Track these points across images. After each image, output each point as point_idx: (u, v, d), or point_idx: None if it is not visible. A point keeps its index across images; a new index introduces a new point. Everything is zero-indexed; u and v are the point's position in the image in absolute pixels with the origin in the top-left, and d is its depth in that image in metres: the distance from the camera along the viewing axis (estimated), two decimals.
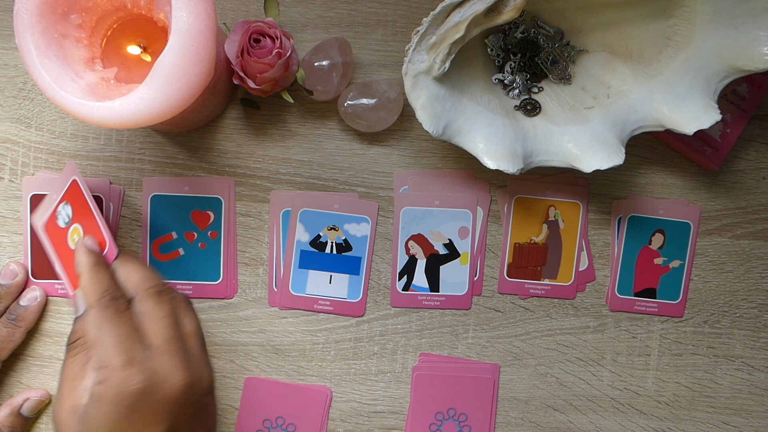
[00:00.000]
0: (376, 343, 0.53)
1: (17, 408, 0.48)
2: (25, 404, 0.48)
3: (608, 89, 0.49)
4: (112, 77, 0.44)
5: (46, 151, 0.51)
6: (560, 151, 0.48)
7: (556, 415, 0.53)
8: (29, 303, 0.50)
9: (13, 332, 0.49)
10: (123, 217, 0.52)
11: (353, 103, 0.49)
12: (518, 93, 0.51)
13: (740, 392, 0.54)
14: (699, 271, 0.54)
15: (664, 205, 0.53)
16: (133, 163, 0.52)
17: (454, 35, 0.43)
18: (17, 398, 0.49)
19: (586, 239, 0.53)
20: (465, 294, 0.53)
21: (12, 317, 0.49)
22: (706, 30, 0.45)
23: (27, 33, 0.39)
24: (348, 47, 0.50)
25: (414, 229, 0.52)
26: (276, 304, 0.52)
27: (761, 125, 0.54)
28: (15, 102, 0.51)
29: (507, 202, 0.53)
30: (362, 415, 0.52)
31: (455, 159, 0.53)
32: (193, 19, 0.38)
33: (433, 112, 0.45)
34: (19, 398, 0.49)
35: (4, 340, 0.49)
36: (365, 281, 0.52)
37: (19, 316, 0.49)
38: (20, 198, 0.51)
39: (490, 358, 0.53)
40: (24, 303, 0.49)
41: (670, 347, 0.54)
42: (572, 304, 0.53)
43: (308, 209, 0.52)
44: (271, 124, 0.52)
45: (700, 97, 0.46)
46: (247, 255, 0.52)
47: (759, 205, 0.54)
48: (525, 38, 0.51)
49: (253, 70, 0.45)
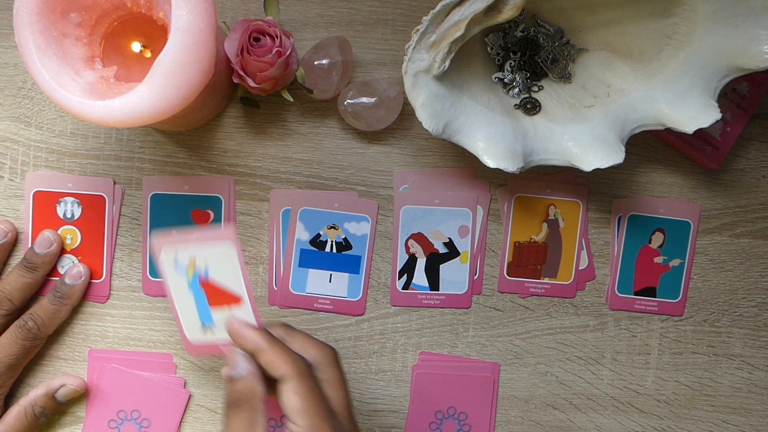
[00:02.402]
0: (376, 341, 0.53)
1: (53, 391, 0.49)
2: (61, 389, 0.49)
3: (608, 88, 0.49)
4: (111, 76, 0.44)
5: (46, 149, 0.51)
6: (560, 149, 0.48)
7: (555, 413, 0.53)
8: (74, 281, 0.50)
9: (60, 309, 0.49)
10: (123, 216, 0.52)
11: (353, 101, 0.49)
12: (518, 92, 0.51)
13: (740, 391, 0.54)
14: (699, 269, 0.54)
15: (664, 204, 0.53)
16: (133, 161, 0.52)
17: (454, 34, 0.43)
18: (55, 381, 0.49)
19: (586, 238, 0.53)
20: (465, 293, 0.53)
21: (58, 295, 0.49)
22: (706, 29, 0.45)
23: (26, 31, 0.39)
24: (348, 46, 0.50)
25: (414, 227, 0.52)
26: (276, 303, 0.52)
27: (761, 124, 0.54)
28: (15, 101, 0.51)
29: (507, 200, 0.53)
30: (362, 414, 0.53)
31: (455, 158, 0.53)
32: (192, 18, 0.38)
33: (433, 111, 0.45)
34: (56, 382, 0.49)
35: (51, 316, 0.49)
36: (365, 280, 0.52)
37: (65, 293, 0.50)
38: (20, 197, 0.51)
39: (490, 357, 0.53)
40: (69, 281, 0.50)
41: (669, 346, 0.54)
42: (572, 302, 0.53)
43: (308, 208, 0.52)
44: (270, 123, 0.52)
45: (700, 95, 0.46)
46: (246, 254, 0.52)
47: (759, 204, 0.54)
48: (525, 37, 0.51)
49: (253, 68, 0.45)
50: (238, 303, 0.41)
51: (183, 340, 0.44)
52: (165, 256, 0.41)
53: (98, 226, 0.51)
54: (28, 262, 0.49)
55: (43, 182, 0.51)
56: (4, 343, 0.48)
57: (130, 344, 0.52)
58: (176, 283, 0.42)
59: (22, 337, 0.48)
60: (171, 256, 0.41)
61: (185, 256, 0.41)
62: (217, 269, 0.41)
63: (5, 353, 0.48)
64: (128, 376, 0.51)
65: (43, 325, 0.49)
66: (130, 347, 0.52)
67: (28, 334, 0.48)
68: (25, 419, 0.48)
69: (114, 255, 0.51)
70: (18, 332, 0.48)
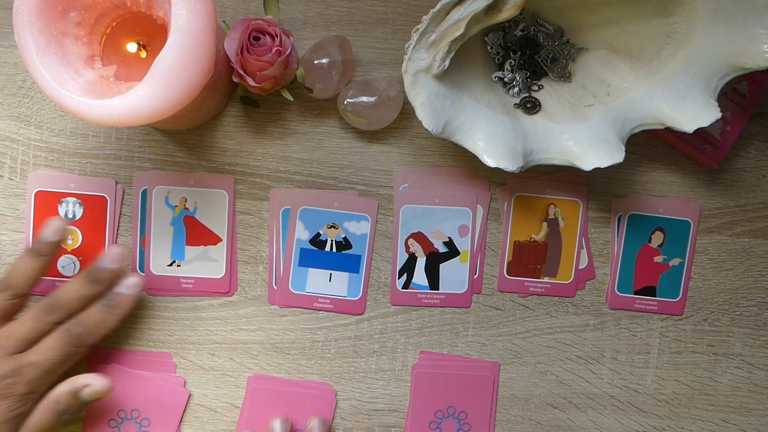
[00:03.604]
0: (376, 341, 0.53)
1: (77, 389, 0.46)
2: (86, 390, 0.46)
3: (608, 87, 0.49)
4: (111, 75, 0.44)
5: (46, 149, 0.51)
6: (560, 149, 0.48)
7: (555, 413, 0.53)
8: (128, 291, 0.48)
9: (107, 318, 0.47)
10: (123, 215, 0.52)
11: (353, 101, 0.49)
12: (518, 91, 0.51)
13: (740, 390, 0.54)
14: (699, 269, 0.54)
15: (664, 203, 0.53)
16: (132, 161, 0.52)
17: (454, 33, 0.43)
18: (81, 379, 0.47)
19: (586, 237, 0.53)
20: (465, 292, 0.53)
21: (109, 304, 0.47)
22: (706, 28, 0.45)
23: (26, 31, 0.39)
24: (348, 45, 0.50)
25: (414, 227, 0.52)
26: (276, 302, 0.52)
27: (761, 123, 0.54)
28: (14, 100, 0.51)
29: (507, 200, 0.53)
30: (362, 413, 0.53)
31: (455, 157, 0.52)
32: (192, 17, 0.38)
33: (433, 110, 0.45)
34: (82, 380, 0.47)
35: (97, 324, 0.47)
36: (365, 279, 0.52)
37: (117, 303, 0.47)
38: (20, 196, 0.51)
39: (490, 356, 0.53)
40: (122, 290, 0.48)
41: (669, 345, 0.54)
42: (572, 302, 0.53)
43: (308, 207, 0.52)
44: (270, 122, 0.52)
45: (701, 95, 0.46)
46: (246, 253, 0.52)
47: (759, 203, 0.54)
48: (525, 36, 0.51)
49: (253, 67, 0.45)
50: (215, 244, 0.46)
51: (145, 272, 0.49)
52: (157, 192, 0.45)
53: (100, 226, 0.51)
54: (35, 249, 0.47)
55: (45, 182, 0.51)
56: (47, 346, 0.46)
57: (130, 343, 0.52)
58: (161, 217, 0.48)
59: (66, 342, 0.46)
60: (163, 193, 0.45)
61: (177, 197, 0.46)
62: (206, 210, 0.47)
63: (47, 356, 0.45)
64: (128, 375, 0.51)
65: (89, 333, 0.47)
66: (130, 346, 0.52)
67: (73, 340, 0.46)
68: (50, 415, 0.46)
69: None
70: (63, 337, 0.46)
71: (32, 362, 0.45)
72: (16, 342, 0.46)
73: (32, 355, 0.45)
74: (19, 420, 0.45)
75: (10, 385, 0.44)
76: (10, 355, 0.45)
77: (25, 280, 0.47)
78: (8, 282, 0.47)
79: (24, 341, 0.46)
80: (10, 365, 0.45)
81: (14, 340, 0.46)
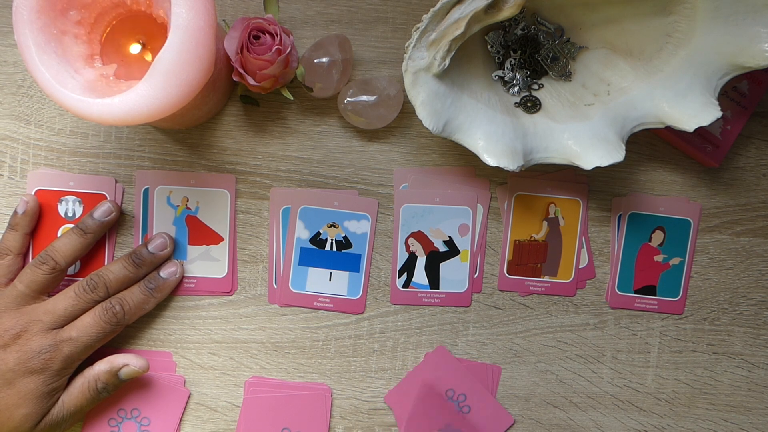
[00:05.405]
0: (376, 340, 0.53)
1: (116, 369, 0.48)
2: (124, 369, 0.48)
3: (608, 86, 0.49)
4: (111, 74, 0.44)
5: (46, 148, 0.51)
6: (560, 148, 0.48)
7: (556, 412, 0.53)
8: (169, 276, 0.50)
9: (148, 300, 0.49)
10: (123, 213, 0.51)
11: (353, 100, 0.49)
12: (518, 90, 0.51)
13: (740, 389, 0.54)
14: (699, 268, 0.54)
15: (664, 203, 0.53)
16: (132, 160, 0.51)
17: (454, 32, 0.43)
18: (119, 358, 0.48)
19: (586, 236, 0.53)
20: (465, 291, 0.53)
21: (151, 286, 0.49)
22: (706, 27, 0.45)
23: (26, 29, 0.39)
24: (348, 44, 0.50)
25: (414, 226, 0.52)
26: (276, 302, 0.52)
27: (762, 122, 0.53)
28: (14, 99, 0.51)
29: (507, 199, 0.53)
30: (362, 413, 0.53)
31: (455, 156, 0.52)
32: (192, 16, 0.38)
33: (433, 109, 0.45)
34: (121, 359, 0.48)
35: (138, 305, 0.49)
36: (365, 278, 0.52)
37: (158, 286, 0.50)
38: (20, 195, 0.51)
39: (490, 356, 0.53)
40: (164, 275, 0.50)
41: (669, 344, 0.54)
42: (572, 301, 0.53)
43: (308, 206, 0.52)
44: (270, 121, 0.52)
45: (701, 94, 0.46)
46: (246, 252, 0.52)
47: (759, 202, 0.54)
48: (525, 35, 0.50)
49: (253, 66, 0.45)
50: (217, 243, 0.47)
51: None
52: (159, 192, 0.46)
53: None
54: (83, 225, 0.49)
55: (45, 181, 0.51)
56: (86, 323, 0.47)
57: (130, 343, 0.52)
58: (163, 216, 0.48)
59: (106, 319, 0.47)
60: (165, 192, 0.46)
61: (179, 196, 0.47)
62: (208, 209, 0.47)
63: (85, 333, 0.46)
64: None
65: (128, 312, 0.48)
66: (130, 346, 0.52)
67: (112, 318, 0.47)
68: (88, 392, 0.47)
69: (114, 254, 0.51)
70: (103, 314, 0.47)
71: (71, 338, 0.46)
72: (56, 317, 0.46)
73: (71, 330, 0.46)
74: (53, 394, 0.46)
75: (47, 360, 0.45)
76: (48, 330, 0.46)
77: (67, 256, 0.48)
78: (50, 255, 0.47)
79: (63, 317, 0.47)
80: (48, 340, 0.46)
81: (54, 315, 0.46)
